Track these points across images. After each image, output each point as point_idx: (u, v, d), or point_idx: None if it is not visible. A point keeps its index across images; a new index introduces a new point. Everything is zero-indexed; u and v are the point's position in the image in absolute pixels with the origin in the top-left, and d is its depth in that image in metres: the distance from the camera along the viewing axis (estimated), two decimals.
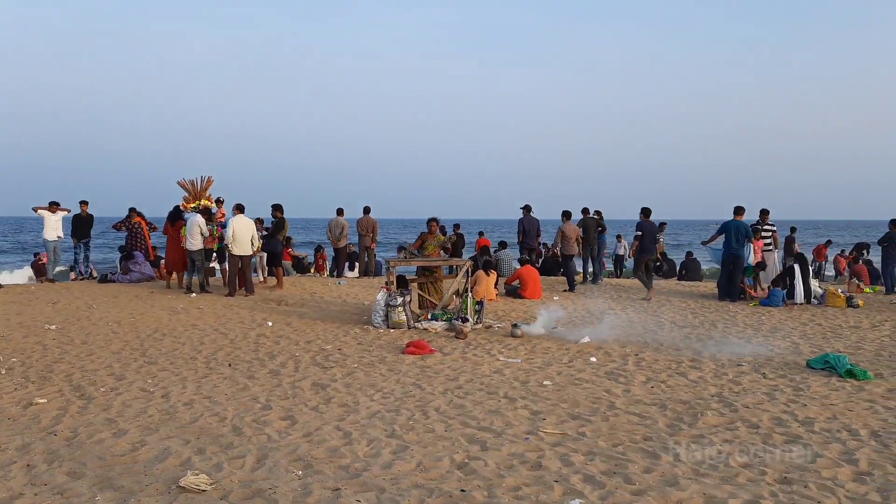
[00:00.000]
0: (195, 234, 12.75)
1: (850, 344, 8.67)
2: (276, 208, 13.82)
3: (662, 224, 20.71)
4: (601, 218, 16.02)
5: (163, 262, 15.92)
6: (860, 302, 12.28)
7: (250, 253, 12.69)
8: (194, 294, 12.70)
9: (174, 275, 13.84)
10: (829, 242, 22.48)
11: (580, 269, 16.87)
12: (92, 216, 15.64)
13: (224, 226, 13.09)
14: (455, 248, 15.69)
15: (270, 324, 9.83)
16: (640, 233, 13.29)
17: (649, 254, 13.49)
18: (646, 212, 13.51)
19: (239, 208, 12.80)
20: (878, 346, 8.58)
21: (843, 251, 24.64)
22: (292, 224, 16.49)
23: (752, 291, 12.97)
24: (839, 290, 12.96)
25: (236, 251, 12.45)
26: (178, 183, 14.03)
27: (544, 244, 19.70)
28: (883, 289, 14.88)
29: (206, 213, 13.25)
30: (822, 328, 9.93)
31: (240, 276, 12.70)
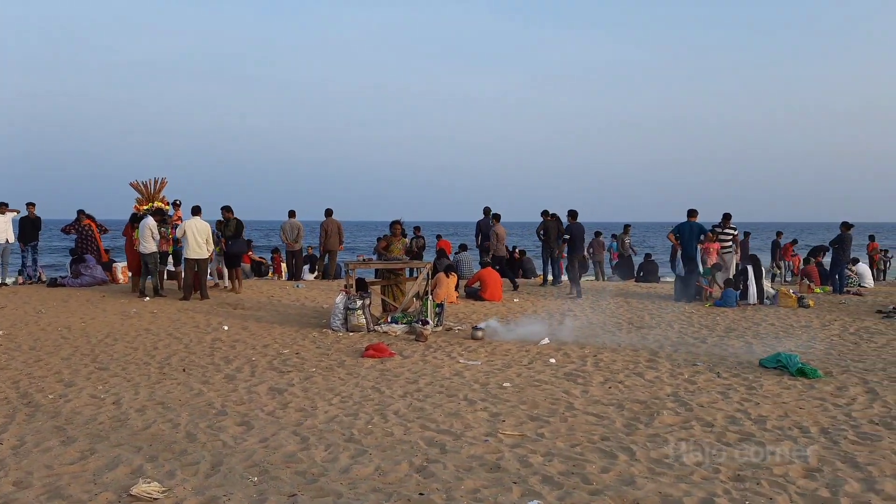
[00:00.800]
0: (147, 237, 12.47)
1: (801, 343, 8.88)
2: (227, 209, 13.61)
3: (627, 226, 21.00)
4: (560, 221, 16.15)
5: (115, 265, 15.59)
6: (811, 302, 12.60)
7: (206, 256, 12.47)
8: (148, 298, 12.44)
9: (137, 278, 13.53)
10: (794, 242, 22.97)
11: (540, 272, 16.98)
12: (40, 218, 15.20)
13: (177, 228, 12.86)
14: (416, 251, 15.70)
15: (226, 328, 9.67)
16: (567, 235, 14.37)
17: (578, 253, 14.53)
18: (573, 214, 14.53)
19: (195, 211, 12.58)
20: (828, 344, 8.81)
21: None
22: (252, 226, 16.28)
23: (710, 289, 13.22)
24: (790, 291, 13.29)
25: (191, 254, 12.22)
26: (131, 184, 13.73)
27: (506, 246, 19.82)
28: (832, 289, 15.28)
29: (160, 214, 12.97)
30: (775, 328, 10.16)
31: (195, 279, 12.47)
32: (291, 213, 16.72)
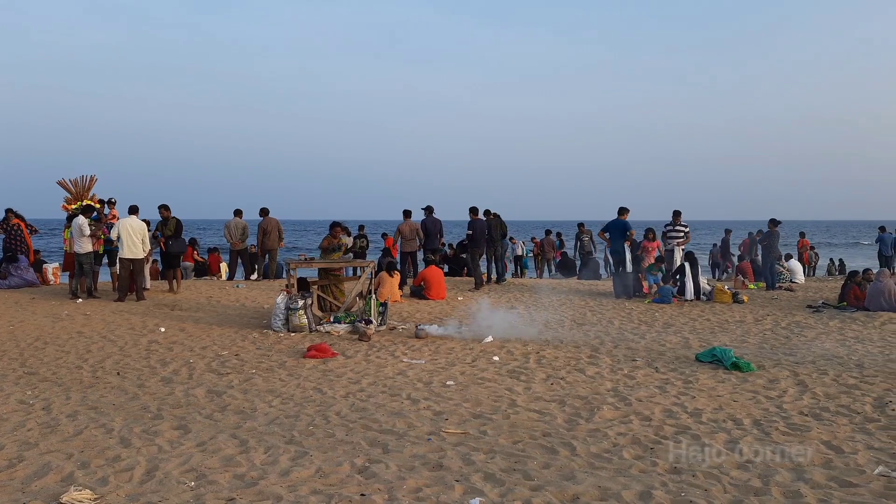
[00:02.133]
0: (80, 236, 12.05)
1: (736, 337, 9.15)
2: (165, 208, 13.26)
3: (581, 225, 21.28)
4: (502, 220, 16.26)
5: (45, 266, 15.04)
6: (745, 298, 12.99)
7: (141, 256, 12.11)
8: (81, 300, 12.02)
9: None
10: (802, 234, 23.59)
11: (484, 270, 17.07)
12: None
13: (110, 228, 12.47)
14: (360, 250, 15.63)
15: (163, 329, 9.42)
16: (470, 231, 14.82)
17: (479, 248, 15.02)
18: (474, 211, 14.91)
19: (132, 210, 12.21)
20: (761, 339, 9.10)
21: (715, 244, 26.04)
22: (192, 226, 15.90)
23: (647, 289, 13.52)
24: (725, 287, 13.68)
25: (126, 254, 11.86)
26: (58, 183, 13.23)
27: (449, 244, 19.90)
28: (765, 285, 15.79)
29: (89, 212, 12.52)
30: (711, 323, 10.44)
31: (130, 280, 12.10)
32: (237, 212, 16.38)
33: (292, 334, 9.23)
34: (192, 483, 4.07)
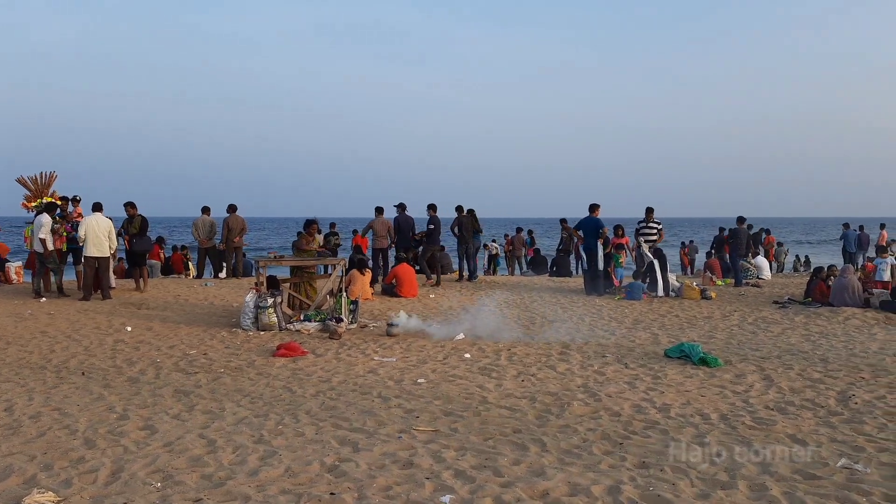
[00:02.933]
0: (43, 234, 11.80)
1: (704, 333, 9.27)
2: (131, 205, 13.05)
3: (563, 221, 21.34)
4: (475, 217, 16.27)
5: (8, 265, 14.73)
6: (713, 294, 13.16)
7: (107, 254, 11.91)
8: (44, 299, 11.79)
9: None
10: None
11: (455, 267, 17.09)
12: None
13: (75, 227, 12.24)
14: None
15: (129, 329, 9.27)
16: (431, 226, 15.04)
17: (436, 244, 15.32)
18: (433, 207, 15.12)
19: (96, 207, 11.99)
20: (728, 334, 9.22)
21: (683, 242, 26.38)
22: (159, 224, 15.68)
23: (617, 282, 13.68)
24: (694, 284, 13.85)
25: (92, 252, 11.65)
26: (17, 180, 12.95)
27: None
28: (733, 281, 16.01)
29: (52, 209, 12.27)
30: (679, 319, 10.56)
31: (96, 278, 11.89)
32: (206, 210, 16.18)
33: (262, 333, 9.15)
34: (159, 484, 4.00)
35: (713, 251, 18.56)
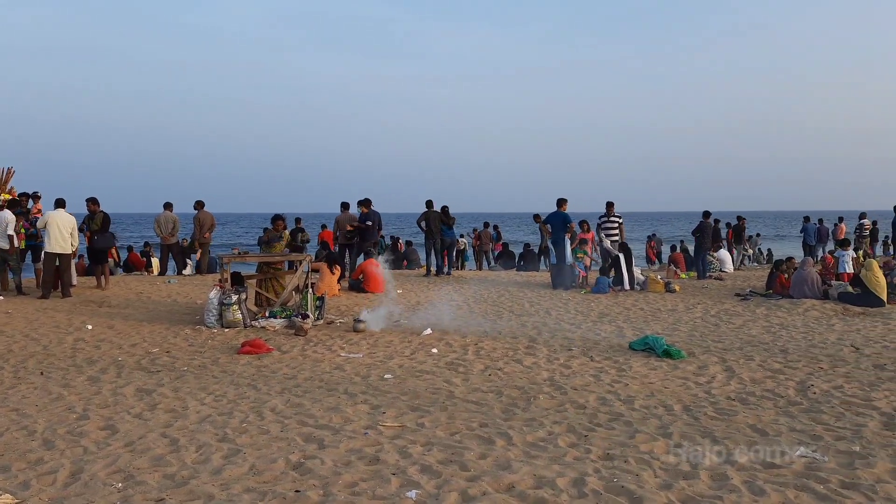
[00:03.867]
0: (11, 231, 11.53)
1: (668, 326, 9.39)
2: (93, 202, 12.79)
3: (536, 216, 21.42)
4: (447, 213, 16.29)
5: None
6: (677, 287, 13.35)
7: (69, 252, 11.66)
8: (2, 297, 11.50)
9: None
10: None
11: (423, 262, 17.10)
12: None
13: (34, 223, 11.97)
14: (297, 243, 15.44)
15: (90, 327, 9.09)
16: (369, 223, 15.18)
17: (373, 239, 15.46)
18: (367, 203, 15.15)
19: (59, 203, 11.73)
20: (692, 326, 9.36)
21: (648, 237, 26.72)
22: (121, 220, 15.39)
23: (583, 273, 13.81)
24: (658, 277, 14.03)
25: (55, 248, 11.39)
26: None
27: (393, 237, 19.87)
28: (696, 274, 16.26)
29: (14, 206, 11.99)
30: (644, 312, 10.68)
31: (56, 276, 11.63)
32: (167, 206, 15.91)
33: (226, 330, 9.04)
34: (120, 484, 3.93)
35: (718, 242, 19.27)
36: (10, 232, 11.52)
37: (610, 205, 15.15)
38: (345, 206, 15.37)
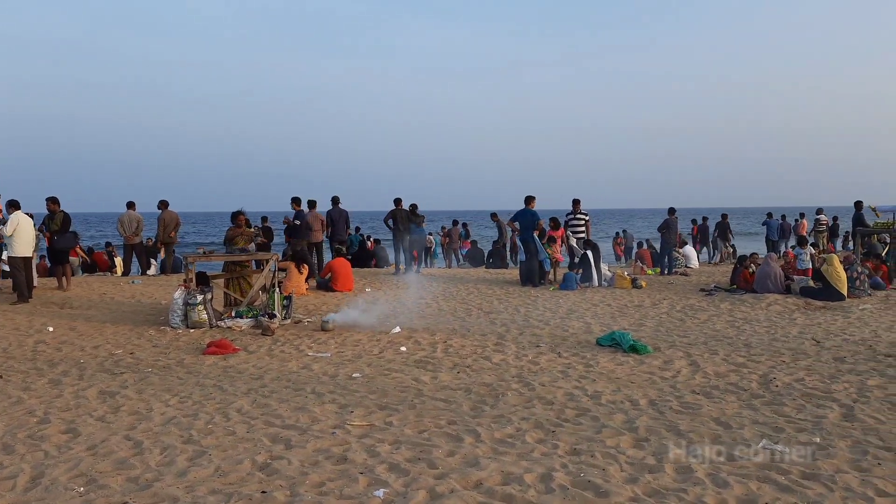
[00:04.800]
0: None
1: (634, 321, 9.49)
2: (53, 201, 12.52)
3: (493, 215, 21.49)
4: (415, 211, 16.25)
5: None
6: (643, 283, 13.49)
7: (30, 254, 11.41)
8: None
9: None
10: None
11: (392, 261, 17.07)
12: None
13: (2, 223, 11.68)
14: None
15: (51, 329, 8.90)
16: (297, 222, 15.15)
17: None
18: (297, 201, 15.24)
19: (13, 204, 11.45)
20: (658, 322, 9.47)
21: (617, 233, 27.00)
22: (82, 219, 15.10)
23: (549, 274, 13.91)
24: (625, 273, 14.17)
25: (26, 252, 11.12)
26: None
27: (366, 235, 19.83)
28: (662, 270, 16.46)
29: None
30: (611, 308, 10.78)
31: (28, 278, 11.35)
32: (130, 205, 15.63)
33: (191, 331, 8.92)
34: (82, 489, 3.86)
35: (717, 235, 20.60)
36: None
37: (576, 202, 15.25)
38: (311, 204, 15.25)
